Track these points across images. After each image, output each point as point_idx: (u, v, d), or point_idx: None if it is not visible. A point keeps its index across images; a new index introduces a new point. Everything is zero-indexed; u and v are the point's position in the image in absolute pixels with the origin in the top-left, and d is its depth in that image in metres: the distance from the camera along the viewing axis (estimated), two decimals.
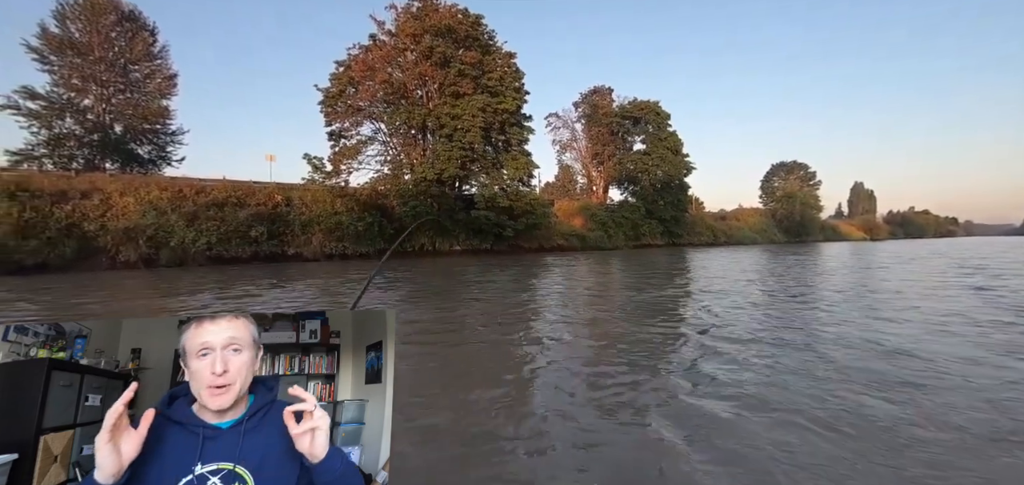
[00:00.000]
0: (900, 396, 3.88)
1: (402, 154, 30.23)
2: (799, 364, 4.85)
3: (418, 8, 29.70)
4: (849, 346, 5.55)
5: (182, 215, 21.14)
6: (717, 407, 3.66)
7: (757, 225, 58.64)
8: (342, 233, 24.79)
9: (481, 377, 4.62)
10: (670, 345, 5.84)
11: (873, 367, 4.68)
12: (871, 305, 8.77)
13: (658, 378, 4.49)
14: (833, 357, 5.08)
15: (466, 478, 2.71)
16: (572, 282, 13.88)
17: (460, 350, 5.73)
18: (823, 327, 6.75)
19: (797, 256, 26.69)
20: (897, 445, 3.03)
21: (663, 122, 46.46)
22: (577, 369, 4.81)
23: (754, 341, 5.91)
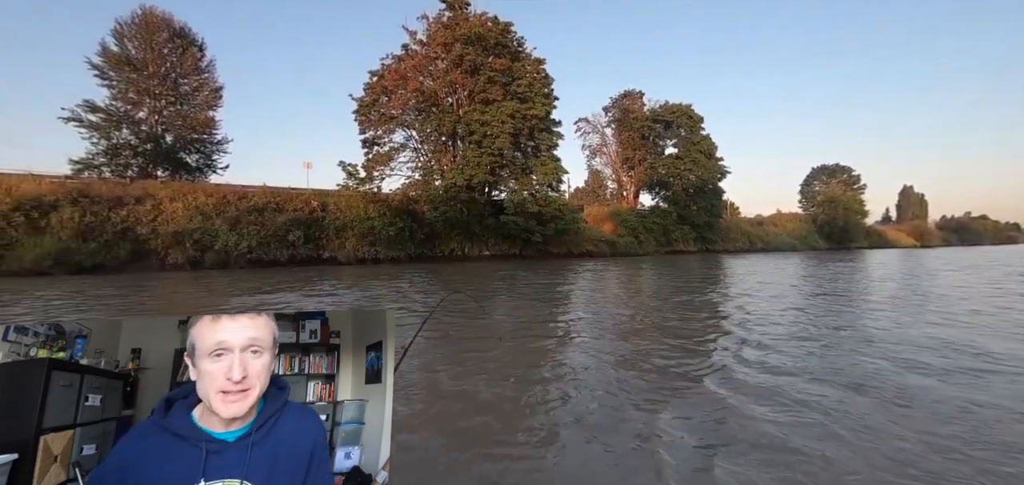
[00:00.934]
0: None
1: (433, 160, 30.78)
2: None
3: (449, 18, 30.28)
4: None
5: (225, 220, 22.22)
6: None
7: (796, 231, 56.45)
8: (374, 237, 25.44)
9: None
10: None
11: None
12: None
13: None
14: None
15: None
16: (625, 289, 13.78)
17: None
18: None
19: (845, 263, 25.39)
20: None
21: (696, 125, 45.51)
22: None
23: None
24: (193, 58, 32.42)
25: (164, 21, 31.02)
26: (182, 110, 32.02)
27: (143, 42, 30.41)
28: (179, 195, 22.72)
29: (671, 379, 4.34)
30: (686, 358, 5.08)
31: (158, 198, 22.04)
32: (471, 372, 4.61)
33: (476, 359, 5.06)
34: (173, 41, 31.48)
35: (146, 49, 30.39)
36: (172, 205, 21.87)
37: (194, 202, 22.42)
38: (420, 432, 3.11)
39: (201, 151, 33.27)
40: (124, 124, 29.72)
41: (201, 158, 33.32)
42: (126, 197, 21.33)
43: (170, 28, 31.28)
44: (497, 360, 5.17)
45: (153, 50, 30.52)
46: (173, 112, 31.61)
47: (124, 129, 29.78)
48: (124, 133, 29.82)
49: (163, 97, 31.09)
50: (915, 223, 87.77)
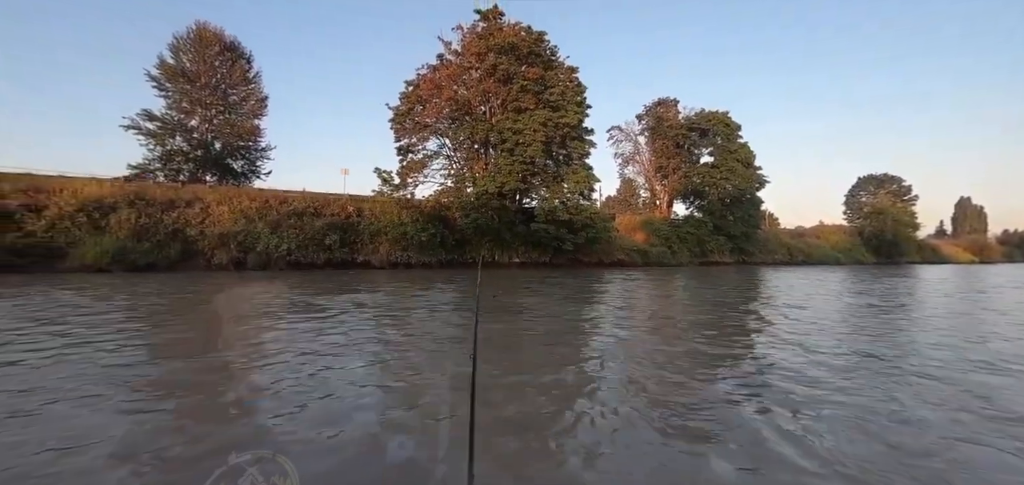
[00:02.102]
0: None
1: (465, 168, 31.19)
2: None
3: (483, 28, 30.76)
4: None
5: (267, 223, 23.22)
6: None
7: (840, 243, 53.88)
8: (407, 243, 25.98)
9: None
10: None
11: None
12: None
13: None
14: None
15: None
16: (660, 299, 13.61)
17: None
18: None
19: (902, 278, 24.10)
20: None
21: (733, 133, 44.35)
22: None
23: None
24: (242, 70, 34.20)
25: (216, 36, 32.91)
26: (230, 119, 33.77)
27: (197, 55, 32.37)
28: (225, 199, 23.90)
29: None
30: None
31: (206, 202, 23.26)
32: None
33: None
34: (223, 54, 33.34)
35: (199, 62, 32.32)
36: (219, 208, 23.03)
37: (239, 206, 23.54)
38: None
39: (246, 158, 34.96)
40: (177, 132, 31.63)
41: (246, 164, 35.00)
42: (177, 200, 22.62)
43: (221, 42, 33.14)
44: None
45: (205, 63, 32.42)
46: (222, 121, 33.38)
47: (177, 136, 31.69)
48: (177, 140, 31.74)
49: (213, 107, 32.89)
50: (973, 237, 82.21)
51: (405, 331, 7.21)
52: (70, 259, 18.61)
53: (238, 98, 34.50)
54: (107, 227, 19.97)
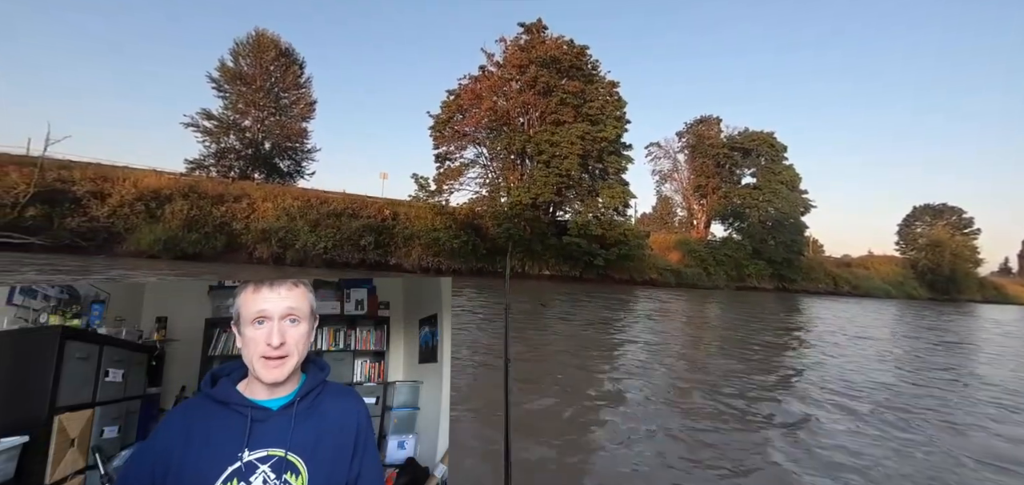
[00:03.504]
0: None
1: (500, 177, 31.42)
2: None
3: (526, 41, 31.09)
4: None
5: (307, 221, 24.12)
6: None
7: (891, 276, 50.69)
8: (439, 248, 26.36)
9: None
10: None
11: None
12: None
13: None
14: None
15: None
16: None
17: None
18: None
19: (966, 322, 21.90)
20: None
21: (778, 154, 42.73)
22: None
23: None
24: (294, 74, 35.88)
25: (273, 42, 34.71)
26: (280, 120, 35.43)
27: (254, 59, 34.22)
28: (270, 196, 25.03)
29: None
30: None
31: (253, 198, 24.42)
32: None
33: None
34: (279, 59, 35.10)
35: (256, 66, 34.14)
36: (264, 205, 24.12)
37: (282, 204, 24.58)
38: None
39: (293, 158, 36.53)
40: (231, 131, 33.45)
41: (292, 164, 36.58)
42: (226, 195, 23.87)
43: (277, 48, 34.92)
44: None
45: (261, 67, 34.22)
46: (273, 122, 35.06)
47: (231, 135, 33.51)
48: (231, 139, 33.55)
49: (266, 108, 34.62)
50: None
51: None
52: (127, 243, 19.92)
53: (289, 101, 36.18)
54: (162, 217, 21.27)
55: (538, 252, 29.04)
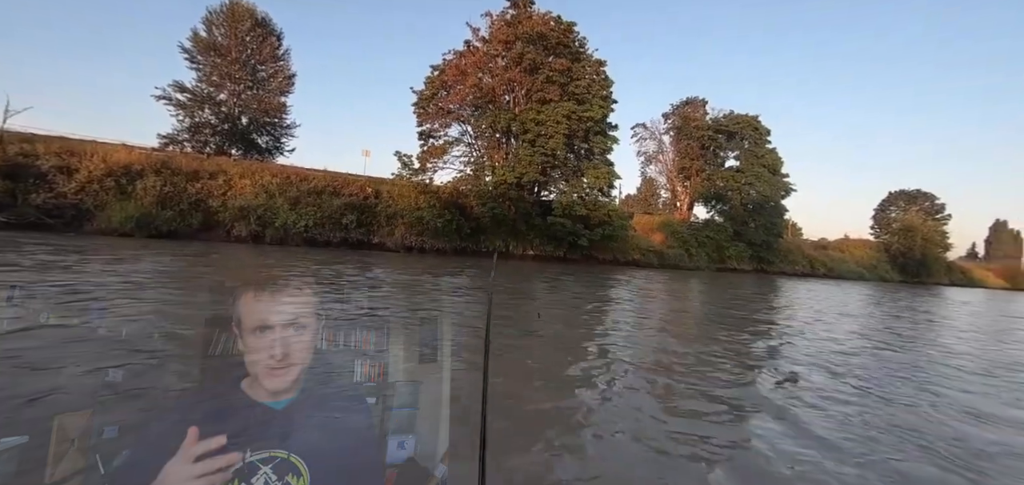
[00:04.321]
0: None
1: (485, 156, 31.09)
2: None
3: (512, 15, 30.47)
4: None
5: (287, 199, 23.54)
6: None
7: (865, 259, 52.21)
8: (422, 228, 26.07)
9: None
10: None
11: None
12: None
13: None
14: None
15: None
16: None
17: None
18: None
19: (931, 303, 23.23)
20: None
21: (762, 138, 43.18)
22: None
23: None
24: (271, 46, 34.60)
25: (248, 11, 33.31)
26: (258, 94, 34.24)
27: (229, 29, 32.83)
28: (248, 173, 24.29)
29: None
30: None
31: (229, 174, 23.66)
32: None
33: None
34: (255, 29, 33.74)
35: (231, 36, 32.78)
36: (241, 182, 23.41)
37: (261, 180, 23.90)
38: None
39: (271, 133, 35.46)
40: (206, 104, 32.22)
41: (271, 140, 35.50)
42: (202, 172, 23.07)
43: (253, 18, 33.54)
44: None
45: (237, 37, 32.86)
46: (249, 96, 33.86)
47: (206, 109, 32.28)
48: (206, 113, 32.34)
49: (242, 81, 33.39)
50: (1007, 263, 78.64)
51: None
52: (97, 221, 19.17)
53: (266, 74, 34.94)
54: (133, 193, 20.48)
55: (523, 232, 28.98)
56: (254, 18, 33.54)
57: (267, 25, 34.40)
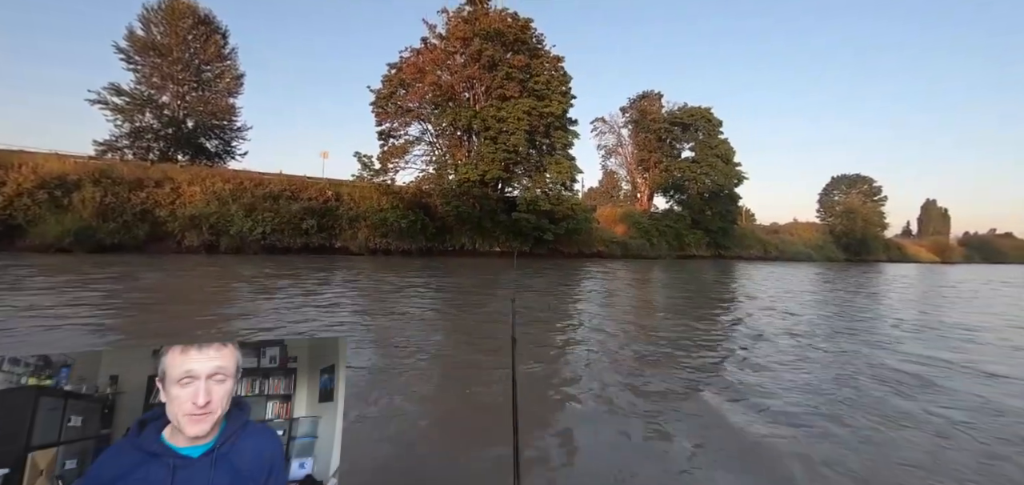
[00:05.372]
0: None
1: (447, 154, 30.85)
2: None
3: (469, 13, 30.27)
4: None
5: (242, 206, 22.55)
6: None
7: (813, 241, 55.39)
8: (386, 229, 25.62)
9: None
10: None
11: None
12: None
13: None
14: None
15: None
16: None
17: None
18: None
19: (868, 275, 24.92)
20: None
21: (714, 129, 44.91)
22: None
23: None
24: (216, 45, 32.90)
25: (189, 8, 31.53)
26: (204, 96, 32.53)
27: (168, 28, 30.98)
28: (197, 179, 23.12)
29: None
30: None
31: (177, 182, 22.45)
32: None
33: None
34: (197, 28, 32.00)
35: (171, 35, 30.95)
36: (190, 189, 22.27)
37: (212, 187, 22.80)
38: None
39: (221, 137, 33.78)
40: (147, 108, 30.31)
41: (220, 144, 33.83)
42: (146, 180, 21.78)
43: (195, 15, 31.78)
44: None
45: (178, 36, 31.05)
46: (195, 98, 32.14)
47: (147, 113, 30.37)
48: (147, 117, 30.43)
49: (186, 83, 31.63)
50: (936, 238, 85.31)
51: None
52: (30, 237, 17.76)
53: (212, 75, 33.21)
54: (70, 206, 19.08)
55: (488, 229, 28.98)
56: (196, 15, 31.79)
57: (210, 23, 32.70)
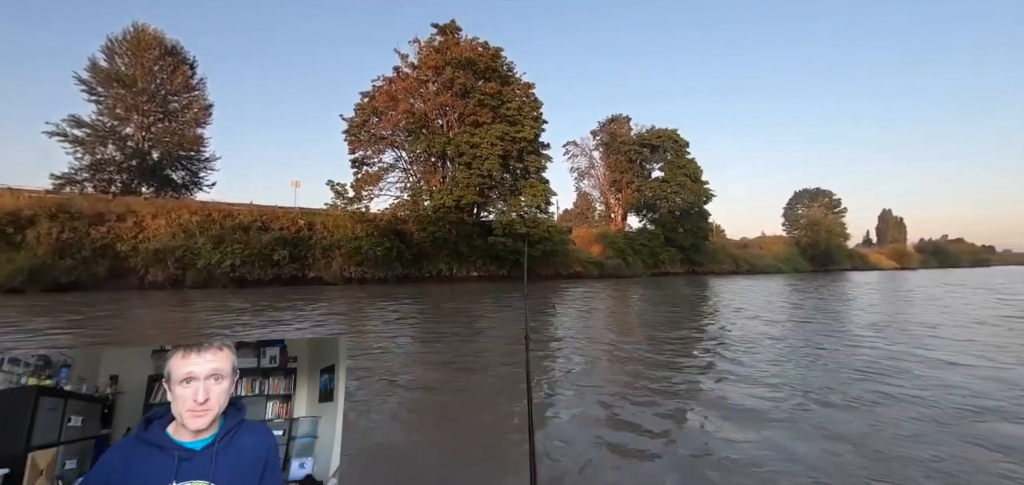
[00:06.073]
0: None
1: (422, 181, 30.83)
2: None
3: (440, 42, 30.70)
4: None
5: (209, 238, 21.92)
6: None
7: (781, 254, 57.21)
8: (361, 257, 25.26)
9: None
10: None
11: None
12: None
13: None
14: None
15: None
16: None
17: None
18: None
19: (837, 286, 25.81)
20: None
21: (682, 149, 46.30)
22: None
23: None
24: (184, 75, 32.33)
25: (156, 39, 31.01)
26: (170, 127, 31.77)
27: (133, 59, 30.32)
28: (162, 212, 22.42)
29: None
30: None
31: (141, 215, 21.72)
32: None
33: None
34: (164, 59, 31.43)
35: (136, 66, 30.28)
36: (155, 222, 21.56)
37: (178, 219, 22.13)
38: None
39: (188, 168, 32.94)
40: (110, 140, 29.39)
41: (187, 175, 32.96)
42: (107, 213, 20.99)
43: (162, 46, 31.26)
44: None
45: (143, 67, 30.41)
46: (161, 129, 31.36)
47: (109, 145, 29.43)
48: (109, 149, 29.47)
49: (152, 114, 30.87)
50: (895, 246, 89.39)
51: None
52: None
53: (180, 105, 32.55)
54: (23, 243, 18.19)
55: (465, 254, 28.91)
56: (163, 46, 31.27)
57: (178, 54, 32.19)
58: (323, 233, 25.61)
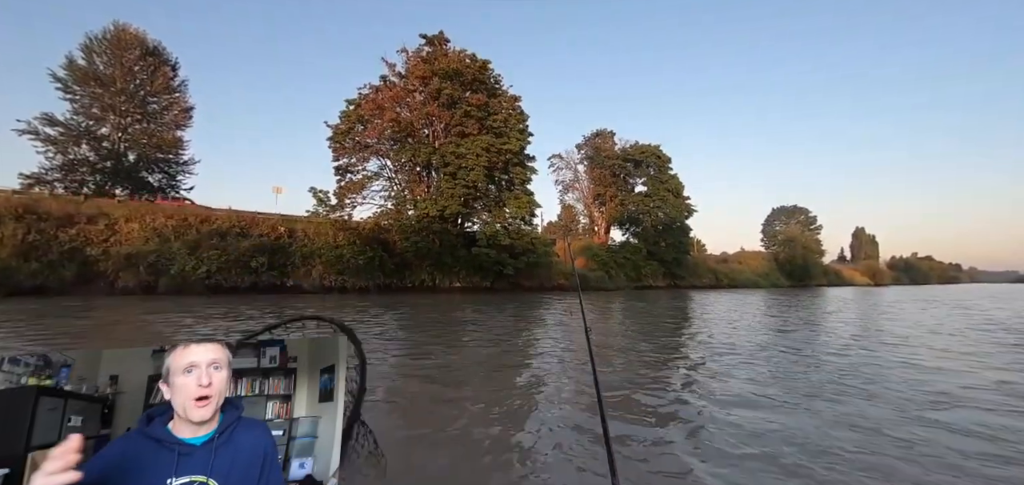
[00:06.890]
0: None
1: (406, 190, 30.65)
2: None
3: (428, 52, 30.76)
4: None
5: (185, 243, 21.39)
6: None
7: (760, 268, 58.32)
8: (343, 266, 24.91)
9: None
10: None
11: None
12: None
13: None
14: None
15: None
16: None
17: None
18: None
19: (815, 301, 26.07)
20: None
21: (664, 165, 47.02)
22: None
23: None
24: (165, 76, 31.79)
25: (137, 38, 30.47)
26: (149, 128, 31.14)
27: (113, 58, 29.68)
28: (136, 215, 21.83)
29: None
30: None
31: (113, 218, 21.11)
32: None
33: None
34: (145, 59, 30.85)
35: (115, 65, 29.65)
36: (128, 225, 20.97)
37: (152, 223, 21.56)
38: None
39: (165, 171, 32.25)
40: (84, 140, 28.61)
41: (164, 178, 32.27)
42: (77, 215, 20.35)
43: (142, 46, 30.71)
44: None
45: (123, 67, 29.82)
46: (139, 130, 30.71)
47: (83, 145, 28.65)
48: (83, 149, 28.68)
49: (129, 114, 30.22)
50: (868, 263, 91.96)
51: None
52: None
53: (159, 107, 31.94)
54: None
55: (448, 265, 28.74)
56: (144, 46, 30.75)
57: (159, 54, 31.68)
58: (304, 240, 25.21)
